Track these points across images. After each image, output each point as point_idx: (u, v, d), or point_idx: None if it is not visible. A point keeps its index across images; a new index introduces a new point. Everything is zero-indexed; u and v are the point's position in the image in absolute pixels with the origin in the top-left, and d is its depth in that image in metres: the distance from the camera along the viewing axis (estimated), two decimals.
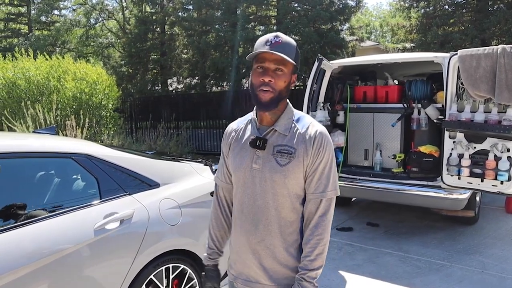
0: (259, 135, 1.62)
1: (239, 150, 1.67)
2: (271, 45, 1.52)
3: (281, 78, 1.55)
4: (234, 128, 1.76)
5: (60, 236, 2.33)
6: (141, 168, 2.92)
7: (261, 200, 1.61)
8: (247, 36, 15.15)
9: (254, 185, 1.62)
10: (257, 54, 1.54)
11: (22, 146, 2.56)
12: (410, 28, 15.97)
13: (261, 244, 1.62)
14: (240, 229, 1.68)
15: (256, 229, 1.62)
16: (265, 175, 1.59)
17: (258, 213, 1.62)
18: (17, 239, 2.18)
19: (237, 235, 1.70)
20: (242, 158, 1.64)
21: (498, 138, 4.14)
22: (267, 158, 1.59)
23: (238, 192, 1.68)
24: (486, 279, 3.87)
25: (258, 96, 1.55)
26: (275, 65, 1.53)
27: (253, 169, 1.61)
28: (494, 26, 12.83)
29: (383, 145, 5.40)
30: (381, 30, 37.99)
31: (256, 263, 1.64)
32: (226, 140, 1.76)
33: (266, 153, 1.60)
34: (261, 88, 1.54)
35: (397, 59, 5.29)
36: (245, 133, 1.69)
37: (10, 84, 9.65)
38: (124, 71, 21.28)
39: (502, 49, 3.93)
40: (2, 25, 28.23)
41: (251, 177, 1.62)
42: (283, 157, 1.58)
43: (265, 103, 1.56)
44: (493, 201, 6.23)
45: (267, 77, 1.53)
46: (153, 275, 2.74)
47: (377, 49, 22.82)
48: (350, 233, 5.24)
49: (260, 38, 1.59)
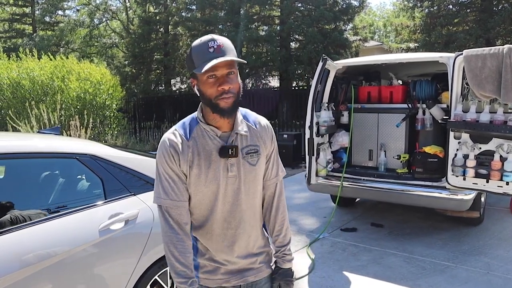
0: (224, 143, 1.59)
1: (209, 163, 1.58)
2: (215, 50, 1.48)
3: (235, 81, 1.53)
4: (181, 142, 1.59)
5: (66, 236, 2.35)
6: (145, 168, 2.92)
7: (244, 204, 1.65)
8: (251, 36, 15.16)
9: (233, 192, 1.63)
10: (212, 67, 1.46)
11: (28, 146, 2.57)
12: (414, 28, 15.94)
13: (248, 241, 1.71)
14: (218, 235, 1.67)
15: (244, 231, 1.68)
16: (242, 179, 1.62)
17: (244, 216, 1.66)
18: (23, 240, 2.19)
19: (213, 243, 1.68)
20: (216, 170, 1.58)
21: (503, 138, 4.11)
22: (240, 163, 1.61)
23: (215, 203, 1.62)
24: (492, 280, 3.85)
25: (219, 105, 1.51)
26: (227, 70, 1.50)
27: (229, 178, 1.60)
28: (499, 25, 12.79)
29: (387, 145, 5.38)
30: (385, 30, 37.92)
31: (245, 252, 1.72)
32: (181, 156, 1.57)
33: (237, 158, 1.60)
34: (222, 97, 1.50)
35: (402, 59, 5.27)
36: (205, 145, 1.59)
37: (15, 84, 9.70)
38: (127, 71, 21.35)
39: (508, 49, 3.91)
40: (7, 25, 28.35)
41: (230, 185, 1.61)
42: (252, 157, 1.63)
43: (228, 110, 1.52)
44: (498, 202, 6.20)
45: (226, 85, 1.49)
46: (158, 276, 2.75)
47: (381, 49, 22.79)
48: (354, 234, 5.23)
49: (195, 46, 1.53)
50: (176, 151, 1.57)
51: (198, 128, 1.61)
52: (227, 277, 1.71)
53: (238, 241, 1.68)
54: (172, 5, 20.71)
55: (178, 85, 22.42)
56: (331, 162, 5.47)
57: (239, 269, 1.72)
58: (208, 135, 1.59)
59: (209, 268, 1.71)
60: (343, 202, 6.02)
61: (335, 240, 5.04)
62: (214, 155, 1.58)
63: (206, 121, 1.60)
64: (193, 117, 1.64)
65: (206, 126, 1.60)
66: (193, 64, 1.51)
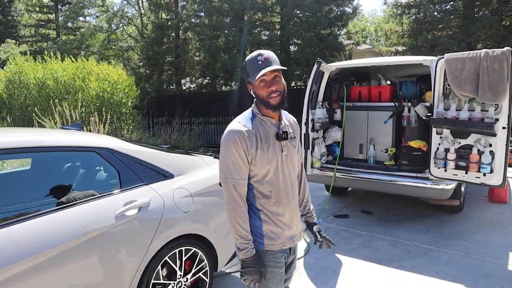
0: (278, 130, 1.90)
1: (269, 145, 1.86)
2: (262, 63, 1.80)
3: (281, 83, 1.84)
4: (247, 130, 1.83)
5: (86, 220, 2.38)
6: (157, 161, 2.94)
7: (293, 174, 1.99)
8: (254, 40, 15.10)
9: (287, 166, 1.93)
10: (263, 75, 1.78)
11: (52, 141, 2.59)
12: (402, 32, 15.83)
13: (297, 208, 2.04)
14: (284, 202, 1.93)
15: (294, 197, 1.99)
16: (290, 158, 1.95)
17: (293, 185, 1.99)
18: (51, 223, 2.23)
19: (280, 208, 1.93)
20: (274, 150, 1.87)
21: (481, 134, 4.12)
22: (288, 145, 1.93)
23: (275, 176, 1.89)
24: (470, 263, 3.87)
25: (270, 102, 1.82)
26: (273, 75, 1.82)
27: (283, 156, 1.91)
28: (480, 31, 12.69)
29: (376, 140, 5.39)
30: (376, 34, 37.70)
31: (295, 222, 2.00)
32: (250, 142, 1.81)
33: (286, 141, 1.92)
34: (271, 96, 1.81)
35: (389, 62, 5.25)
36: (265, 132, 1.87)
37: (40, 84, 9.72)
38: (142, 72, 21.29)
39: (485, 53, 3.91)
40: (33, 30, 28.39)
41: (284, 161, 1.91)
42: (293, 141, 1.98)
43: (277, 105, 1.84)
44: (477, 191, 6.19)
45: (273, 87, 1.81)
46: (168, 257, 2.77)
47: (372, 52, 22.70)
48: (346, 220, 5.24)
49: (247, 60, 1.87)
50: (244, 138, 1.81)
51: (257, 119, 1.89)
52: (285, 241, 1.96)
53: (294, 208, 2.00)
54: (182, 12, 20.64)
55: (187, 84, 22.37)
56: (325, 155, 5.48)
57: (291, 235, 1.99)
58: (265, 124, 1.89)
59: (272, 235, 1.92)
60: (336, 191, 6.03)
61: (328, 225, 5.06)
62: (272, 138, 1.88)
63: (261, 114, 1.90)
64: (250, 112, 1.92)
65: (263, 117, 1.89)
66: (248, 74, 1.86)
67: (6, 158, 2.79)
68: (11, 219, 2.16)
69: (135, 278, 2.57)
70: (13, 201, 2.33)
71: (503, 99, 3.90)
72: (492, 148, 4.08)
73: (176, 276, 2.83)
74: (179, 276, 2.85)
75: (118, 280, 2.50)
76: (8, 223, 2.13)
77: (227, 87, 19.17)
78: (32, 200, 2.38)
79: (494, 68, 3.84)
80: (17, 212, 2.23)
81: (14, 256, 2.05)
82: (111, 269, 2.46)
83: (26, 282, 2.07)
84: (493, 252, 4.08)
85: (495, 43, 12.35)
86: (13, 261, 2.03)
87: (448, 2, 14.64)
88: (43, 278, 2.13)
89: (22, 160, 3.17)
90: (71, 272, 2.25)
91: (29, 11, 28.83)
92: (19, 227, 2.14)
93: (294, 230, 2.00)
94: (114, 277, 2.48)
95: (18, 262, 2.05)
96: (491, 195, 5.80)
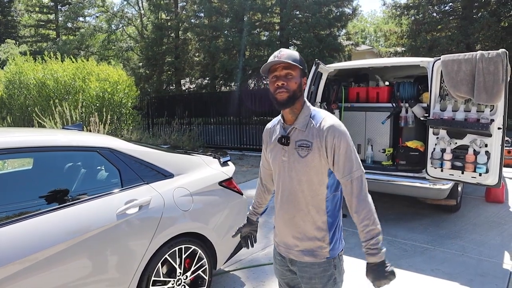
0: (284, 133, 1.80)
1: (273, 146, 1.86)
2: (277, 58, 1.71)
3: (291, 80, 1.71)
4: (269, 128, 1.94)
5: (88, 219, 2.42)
6: (157, 160, 2.98)
7: (290, 185, 1.80)
8: (253, 41, 15.16)
9: (285, 173, 1.81)
10: (270, 66, 1.73)
11: (55, 141, 2.62)
12: (401, 33, 15.91)
13: (292, 220, 1.82)
14: (279, 207, 1.88)
15: (288, 208, 1.82)
16: (290, 165, 1.78)
17: (290, 196, 1.81)
18: (54, 221, 2.27)
19: (277, 212, 1.91)
20: (276, 152, 1.84)
21: (476, 134, 4.17)
22: (291, 152, 1.77)
23: (276, 178, 1.89)
24: (466, 261, 3.90)
25: (276, 97, 1.72)
26: (285, 71, 1.70)
27: (283, 161, 1.81)
28: (478, 31, 12.76)
29: (374, 140, 5.43)
30: (375, 35, 37.74)
31: (289, 234, 1.85)
32: (266, 138, 1.94)
33: (290, 147, 1.77)
34: (277, 91, 1.71)
35: (387, 63, 5.30)
36: (275, 132, 1.87)
37: (40, 84, 9.72)
38: (142, 72, 21.34)
39: (481, 55, 3.95)
40: (33, 30, 28.40)
41: (282, 167, 1.81)
42: (303, 150, 1.73)
43: (282, 101, 1.72)
44: (474, 191, 6.24)
45: (279, 82, 1.70)
46: (168, 255, 2.81)
47: (371, 53, 22.74)
48: (343, 219, 5.25)
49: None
50: (265, 135, 1.96)
51: (279, 120, 1.88)
52: (278, 242, 1.94)
53: (284, 217, 1.85)
54: (182, 12, 20.71)
55: (187, 85, 22.43)
56: None
57: (285, 242, 1.89)
58: (280, 125, 1.86)
59: (275, 230, 1.96)
60: None
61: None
62: (276, 140, 1.85)
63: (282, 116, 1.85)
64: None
65: (281, 118, 1.86)
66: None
67: (10, 158, 2.83)
68: (14, 217, 2.20)
69: (136, 275, 2.61)
70: (17, 200, 2.37)
71: (498, 100, 3.95)
72: (488, 149, 4.13)
73: (176, 274, 2.88)
74: (179, 273, 2.90)
75: (119, 277, 2.54)
76: (11, 221, 2.17)
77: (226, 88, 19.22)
78: (34, 198, 2.42)
79: (490, 69, 3.89)
80: (20, 211, 2.28)
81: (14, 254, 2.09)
82: (113, 266, 2.50)
83: (29, 279, 2.11)
84: (488, 251, 4.13)
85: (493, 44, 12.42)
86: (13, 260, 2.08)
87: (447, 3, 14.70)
88: (46, 276, 2.17)
89: (24, 160, 3.21)
90: (74, 269, 2.29)
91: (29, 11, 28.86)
92: (22, 225, 2.18)
93: (282, 241, 1.89)
94: (115, 274, 2.52)
95: (20, 260, 2.09)
96: (488, 195, 5.85)
